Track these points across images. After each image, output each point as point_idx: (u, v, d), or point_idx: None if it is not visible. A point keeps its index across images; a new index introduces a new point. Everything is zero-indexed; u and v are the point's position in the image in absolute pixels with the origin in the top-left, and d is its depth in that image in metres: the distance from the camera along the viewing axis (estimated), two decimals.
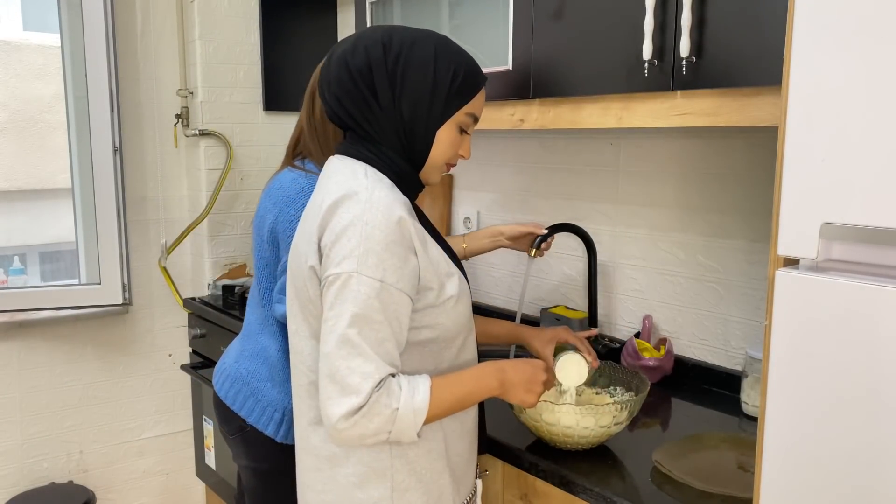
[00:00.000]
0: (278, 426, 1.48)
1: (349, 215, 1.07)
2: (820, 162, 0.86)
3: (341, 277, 1.06)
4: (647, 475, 1.30)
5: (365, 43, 1.13)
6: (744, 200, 1.66)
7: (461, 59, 1.15)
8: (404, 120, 1.14)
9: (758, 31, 1.21)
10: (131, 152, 2.57)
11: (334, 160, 1.20)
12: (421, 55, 1.12)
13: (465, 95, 1.16)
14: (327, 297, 1.08)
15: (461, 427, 1.22)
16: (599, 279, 1.97)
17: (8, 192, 4.05)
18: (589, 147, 1.98)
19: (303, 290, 1.15)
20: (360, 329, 1.05)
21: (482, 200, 2.30)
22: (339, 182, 1.13)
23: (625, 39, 1.40)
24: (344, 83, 1.13)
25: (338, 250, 1.07)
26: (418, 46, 1.13)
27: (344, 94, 1.13)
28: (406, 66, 1.12)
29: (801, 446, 0.90)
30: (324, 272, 1.09)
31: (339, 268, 1.06)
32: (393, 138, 1.15)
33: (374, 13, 2.05)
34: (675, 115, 1.36)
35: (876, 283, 0.82)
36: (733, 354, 1.72)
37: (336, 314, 1.06)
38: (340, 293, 1.06)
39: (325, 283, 1.08)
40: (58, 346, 2.53)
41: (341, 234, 1.07)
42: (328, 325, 1.07)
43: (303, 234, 1.17)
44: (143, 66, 2.57)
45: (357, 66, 1.12)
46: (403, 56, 1.12)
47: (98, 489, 2.62)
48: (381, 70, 1.11)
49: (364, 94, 1.12)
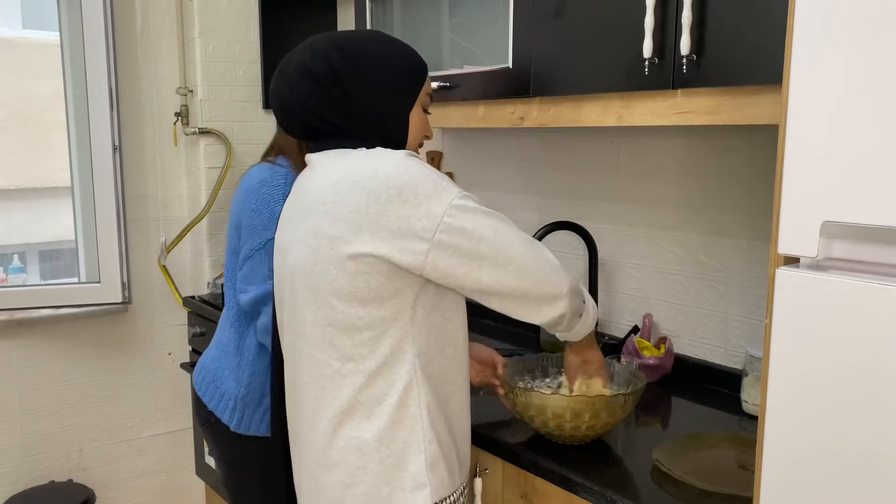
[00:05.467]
0: (231, 415, 1.51)
1: (396, 170, 1.09)
2: (820, 160, 0.86)
3: (447, 214, 1.08)
4: (648, 474, 1.30)
5: (318, 52, 1.19)
6: (744, 199, 1.66)
7: (406, 48, 1.25)
8: (380, 113, 1.20)
9: (758, 29, 1.21)
10: (131, 151, 2.57)
11: (330, 154, 1.20)
12: (375, 51, 1.20)
13: (420, 79, 1.25)
14: (452, 240, 1.09)
15: (465, 407, 1.25)
16: (600, 277, 1.97)
17: (7, 191, 4.05)
18: (589, 145, 1.98)
19: (331, 283, 1.13)
20: (515, 230, 1.14)
21: (482, 199, 2.29)
22: (349, 164, 1.15)
23: (625, 38, 1.40)
24: (314, 92, 1.18)
25: (422, 195, 1.08)
26: (369, 46, 1.21)
27: (316, 103, 1.19)
28: (366, 63, 1.19)
29: (802, 445, 0.89)
30: (420, 227, 1.08)
31: (434, 214, 1.08)
32: (371, 128, 1.20)
33: (374, 11, 2.05)
34: (676, 114, 1.36)
35: (876, 281, 0.82)
36: (733, 353, 1.72)
37: (486, 238, 1.10)
38: (463, 226, 1.09)
39: (438, 232, 1.08)
40: (57, 345, 2.53)
41: (404, 188, 1.08)
42: (495, 251, 1.11)
43: (329, 215, 1.13)
44: (142, 64, 2.57)
45: (323, 73, 1.18)
46: (361, 55, 1.19)
47: (98, 488, 2.62)
48: (345, 71, 1.18)
49: (336, 96, 1.18)
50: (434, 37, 1.93)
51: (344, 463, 1.17)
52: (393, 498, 1.16)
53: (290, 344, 1.24)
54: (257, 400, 1.54)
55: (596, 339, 1.37)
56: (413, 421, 1.15)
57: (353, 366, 1.14)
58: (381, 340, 1.13)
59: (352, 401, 1.15)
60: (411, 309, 1.13)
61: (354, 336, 1.13)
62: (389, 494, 1.16)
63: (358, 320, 1.13)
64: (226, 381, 1.54)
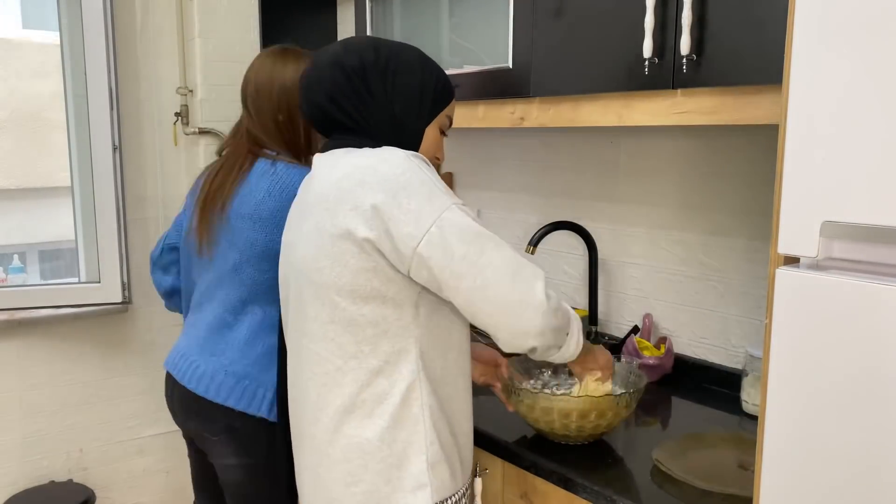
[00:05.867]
0: (270, 407, 1.46)
1: (396, 170, 1.10)
2: (820, 160, 0.86)
3: (435, 224, 1.07)
4: (648, 474, 1.30)
5: (355, 48, 1.22)
6: (744, 199, 1.66)
7: (439, 69, 1.28)
8: (396, 115, 1.22)
9: (758, 29, 1.21)
10: (131, 150, 2.56)
11: (336, 154, 1.22)
12: (408, 60, 1.23)
13: (445, 98, 1.28)
14: (433, 253, 1.08)
15: (467, 408, 1.25)
16: (600, 277, 1.97)
17: (7, 191, 4.06)
18: (589, 145, 1.98)
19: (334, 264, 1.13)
20: (503, 254, 1.11)
21: (482, 199, 2.30)
22: (353, 161, 1.16)
23: (625, 37, 1.40)
24: (339, 83, 1.20)
25: (415, 200, 1.08)
26: (405, 53, 1.24)
27: (338, 93, 1.20)
28: (397, 68, 1.22)
29: (802, 445, 0.89)
30: (406, 233, 1.08)
31: (422, 223, 1.07)
32: (387, 130, 1.22)
33: (374, 11, 2.05)
34: (676, 114, 1.36)
35: (876, 281, 0.82)
36: (733, 353, 1.72)
37: (469, 257, 1.08)
38: (446, 239, 1.08)
39: (422, 241, 1.07)
40: (57, 345, 2.53)
41: (399, 191, 1.08)
42: (473, 273, 1.08)
43: (327, 209, 1.15)
44: (142, 64, 2.57)
45: (352, 67, 1.20)
46: (393, 60, 1.22)
47: (98, 487, 2.62)
48: (374, 70, 1.21)
49: (360, 90, 1.20)
50: (434, 37, 1.93)
51: (345, 461, 1.17)
52: (393, 498, 1.16)
53: (294, 340, 1.25)
54: None
55: (593, 342, 1.37)
56: (415, 421, 1.15)
57: (356, 363, 1.15)
58: (383, 338, 1.13)
59: (354, 398, 1.16)
60: (414, 308, 1.13)
61: (357, 333, 1.14)
62: (390, 494, 1.16)
63: (360, 317, 1.13)
64: (257, 377, 1.47)
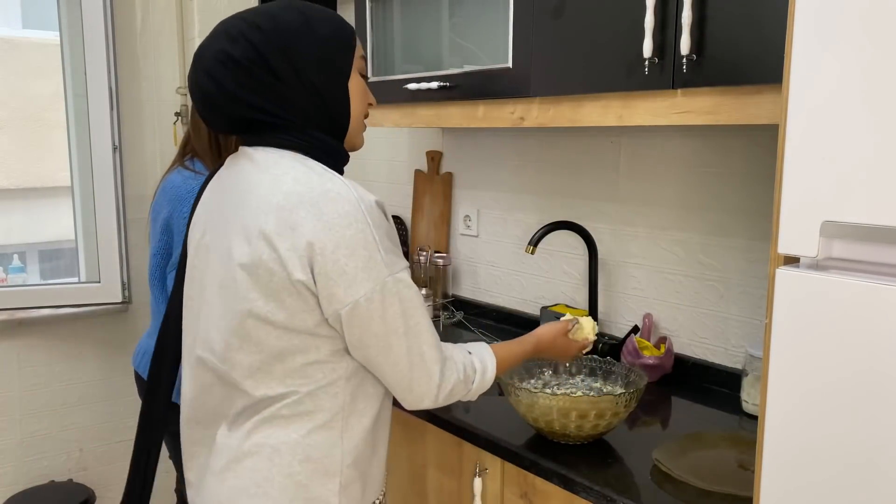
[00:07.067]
0: None
1: (343, 220, 1.02)
2: (820, 160, 0.86)
3: (364, 297, 1.04)
4: (648, 473, 1.30)
5: (236, 34, 1.07)
6: (744, 199, 1.66)
7: (326, 12, 1.13)
8: (316, 87, 1.09)
9: (758, 29, 1.21)
10: (131, 150, 2.56)
11: (271, 152, 1.11)
12: (295, 22, 1.08)
13: (349, 40, 1.14)
14: (371, 311, 1.05)
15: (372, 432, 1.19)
16: (600, 277, 1.97)
17: (7, 191, 4.06)
18: (589, 145, 1.98)
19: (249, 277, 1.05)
20: (416, 332, 1.10)
21: (482, 199, 2.30)
22: (295, 178, 1.05)
23: (625, 37, 1.40)
24: (239, 79, 1.06)
25: (352, 263, 1.02)
26: (287, 15, 1.08)
27: (244, 91, 1.07)
28: (289, 37, 1.07)
29: (802, 445, 0.89)
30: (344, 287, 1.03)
31: (366, 283, 1.04)
32: (310, 111, 1.10)
33: (374, 10, 2.05)
34: (676, 114, 1.36)
35: (876, 281, 0.82)
36: (733, 353, 1.72)
37: (383, 337, 1.07)
38: (371, 314, 1.05)
39: (347, 307, 1.04)
40: (57, 345, 2.53)
41: (341, 244, 1.02)
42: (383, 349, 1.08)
43: (243, 229, 1.06)
44: (142, 64, 2.57)
45: (245, 56, 1.05)
46: (279, 29, 1.07)
47: (98, 487, 2.62)
48: (270, 49, 1.06)
49: (265, 79, 1.06)
50: (434, 36, 1.93)
51: (251, 467, 1.10)
52: None
53: (191, 345, 1.18)
54: None
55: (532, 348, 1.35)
56: (332, 443, 1.11)
57: None
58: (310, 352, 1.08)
59: (265, 401, 1.09)
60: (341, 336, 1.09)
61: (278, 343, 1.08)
62: None
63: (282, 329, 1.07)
64: None
